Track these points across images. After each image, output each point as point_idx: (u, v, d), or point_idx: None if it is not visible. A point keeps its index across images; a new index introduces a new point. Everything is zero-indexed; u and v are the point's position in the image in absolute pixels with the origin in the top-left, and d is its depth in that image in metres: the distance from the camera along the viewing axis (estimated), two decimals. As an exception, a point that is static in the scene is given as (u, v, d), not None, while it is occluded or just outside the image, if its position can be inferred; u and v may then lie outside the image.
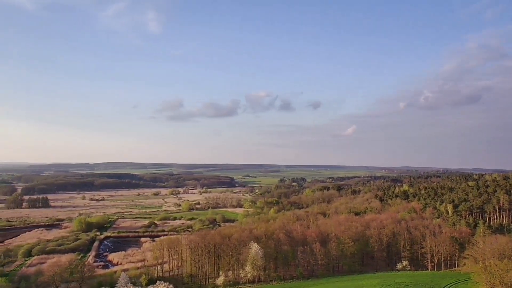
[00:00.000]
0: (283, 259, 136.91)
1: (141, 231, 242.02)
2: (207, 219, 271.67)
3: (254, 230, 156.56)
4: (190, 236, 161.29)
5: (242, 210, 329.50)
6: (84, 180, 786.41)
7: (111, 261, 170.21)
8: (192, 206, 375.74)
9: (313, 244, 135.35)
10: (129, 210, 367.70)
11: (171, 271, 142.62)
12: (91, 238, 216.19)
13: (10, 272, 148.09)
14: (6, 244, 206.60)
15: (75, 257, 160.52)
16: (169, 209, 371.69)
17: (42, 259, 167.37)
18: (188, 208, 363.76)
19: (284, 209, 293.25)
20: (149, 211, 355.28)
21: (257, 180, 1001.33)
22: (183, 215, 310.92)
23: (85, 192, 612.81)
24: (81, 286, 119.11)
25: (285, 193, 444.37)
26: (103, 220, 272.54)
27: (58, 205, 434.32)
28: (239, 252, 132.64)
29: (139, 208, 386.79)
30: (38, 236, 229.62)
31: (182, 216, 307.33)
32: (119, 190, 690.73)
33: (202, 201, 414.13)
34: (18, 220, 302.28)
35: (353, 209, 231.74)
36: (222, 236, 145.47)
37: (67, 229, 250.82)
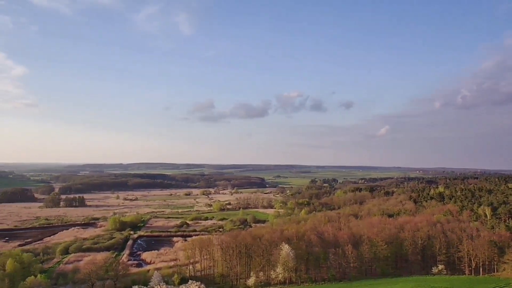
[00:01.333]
0: (314, 260, 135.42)
1: (173, 230, 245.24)
2: (238, 219, 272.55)
3: (285, 231, 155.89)
4: (221, 236, 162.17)
5: (273, 211, 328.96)
6: (118, 180, 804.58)
7: (144, 260, 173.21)
8: (223, 206, 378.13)
9: (345, 246, 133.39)
10: (161, 210, 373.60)
11: (202, 271, 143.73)
12: (125, 237, 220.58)
13: (49, 268, 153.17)
14: (45, 242, 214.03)
15: (110, 256, 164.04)
16: (201, 209, 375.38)
17: (79, 257, 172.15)
18: (219, 208, 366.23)
19: (315, 210, 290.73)
20: (181, 211, 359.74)
21: (288, 180, 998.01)
22: (214, 215, 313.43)
23: (119, 192, 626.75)
24: (115, 284, 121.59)
25: (316, 194, 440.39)
26: (137, 220, 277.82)
27: (94, 204, 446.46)
28: (270, 253, 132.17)
29: (171, 208, 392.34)
30: (74, 234, 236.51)
31: (213, 216, 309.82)
32: (152, 190, 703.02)
33: (233, 202, 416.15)
34: (56, 218, 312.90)
35: (386, 211, 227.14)
36: (253, 237, 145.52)
37: (102, 228, 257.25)
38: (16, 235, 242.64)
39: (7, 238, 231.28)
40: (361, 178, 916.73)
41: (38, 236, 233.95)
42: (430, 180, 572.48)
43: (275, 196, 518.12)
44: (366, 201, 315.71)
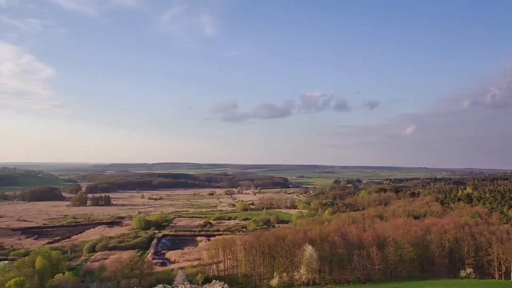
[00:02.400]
0: (338, 262, 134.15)
1: (197, 230, 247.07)
2: (261, 219, 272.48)
3: (309, 232, 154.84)
4: (245, 237, 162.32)
5: (296, 211, 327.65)
6: (143, 179, 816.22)
7: (169, 258, 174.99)
8: (246, 206, 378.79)
9: (370, 248, 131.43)
10: (185, 209, 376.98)
11: (226, 271, 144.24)
12: (150, 236, 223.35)
13: (76, 266, 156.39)
14: (73, 240, 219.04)
15: (135, 254, 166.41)
16: (224, 209, 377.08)
17: (105, 255, 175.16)
18: (243, 208, 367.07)
19: (339, 211, 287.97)
20: (205, 211, 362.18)
21: (311, 181, 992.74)
22: (238, 215, 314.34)
23: (143, 191, 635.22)
24: (140, 282, 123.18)
25: (340, 194, 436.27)
26: (161, 219, 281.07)
27: (119, 203, 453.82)
28: (294, 254, 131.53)
29: (195, 208, 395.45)
30: (101, 232, 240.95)
31: (236, 216, 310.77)
32: (176, 190, 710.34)
33: (256, 202, 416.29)
34: (83, 217, 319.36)
35: (412, 212, 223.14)
36: (276, 237, 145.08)
37: (128, 227, 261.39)
38: (45, 233, 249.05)
39: (37, 235, 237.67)
40: (386, 178, 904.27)
41: (66, 234, 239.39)
42: (458, 181, 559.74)
43: (298, 196, 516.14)
44: (391, 202, 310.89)
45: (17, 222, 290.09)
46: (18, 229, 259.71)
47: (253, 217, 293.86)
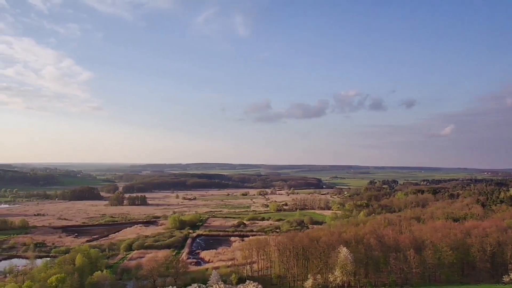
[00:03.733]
0: (374, 265, 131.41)
1: (230, 230, 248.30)
2: (295, 220, 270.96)
3: (343, 233, 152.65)
4: (278, 237, 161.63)
5: (330, 213, 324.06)
6: (177, 180, 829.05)
7: (203, 258, 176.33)
8: (280, 207, 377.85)
9: (407, 250, 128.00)
10: (219, 210, 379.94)
11: (259, 271, 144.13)
12: (185, 235, 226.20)
13: (114, 264, 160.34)
14: (110, 238, 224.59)
15: (170, 253, 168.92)
16: (257, 210, 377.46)
17: (141, 254, 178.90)
18: (276, 209, 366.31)
19: (374, 213, 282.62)
20: (238, 211, 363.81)
21: (345, 181, 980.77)
22: (271, 216, 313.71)
23: (178, 191, 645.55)
24: (176, 281, 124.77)
25: (375, 195, 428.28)
26: (195, 219, 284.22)
27: (155, 203, 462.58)
28: (328, 256, 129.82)
29: (229, 208, 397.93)
30: (137, 231, 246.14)
31: (270, 216, 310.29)
32: (210, 190, 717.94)
33: (289, 202, 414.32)
34: (120, 216, 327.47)
35: (451, 214, 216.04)
36: (310, 239, 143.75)
37: (163, 226, 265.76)
38: (84, 231, 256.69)
39: (76, 234, 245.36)
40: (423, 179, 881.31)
41: (104, 233, 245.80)
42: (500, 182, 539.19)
43: (332, 197, 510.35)
44: (428, 204, 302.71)
45: (58, 221, 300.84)
46: (59, 227, 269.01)
47: (287, 218, 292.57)
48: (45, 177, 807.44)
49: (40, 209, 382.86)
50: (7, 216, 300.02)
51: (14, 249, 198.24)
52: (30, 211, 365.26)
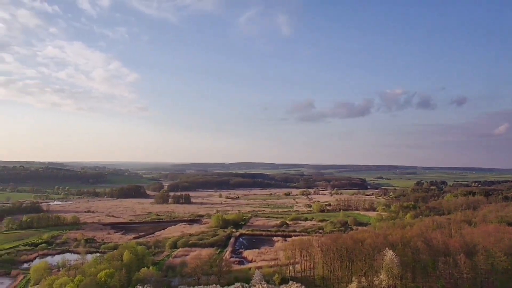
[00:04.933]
0: (421, 269, 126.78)
1: (273, 230, 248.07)
2: (338, 221, 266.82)
3: (389, 236, 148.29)
4: (322, 238, 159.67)
5: (375, 214, 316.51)
6: (220, 179, 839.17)
7: (246, 257, 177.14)
8: (323, 207, 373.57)
9: (457, 255, 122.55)
10: (261, 209, 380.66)
11: (303, 272, 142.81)
12: (228, 234, 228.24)
13: (160, 261, 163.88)
14: (156, 236, 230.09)
15: (214, 252, 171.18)
16: (300, 210, 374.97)
17: (186, 252, 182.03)
18: (319, 209, 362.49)
19: (421, 215, 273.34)
20: (281, 211, 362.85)
21: (391, 182, 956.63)
22: (314, 216, 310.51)
23: (221, 190, 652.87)
24: (219, 279, 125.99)
25: (423, 197, 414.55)
26: (238, 218, 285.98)
27: (198, 202, 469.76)
28: (373, 258, 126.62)
29: (271, 208, 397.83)
30: (181, 230, 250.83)
31: (313, 217, 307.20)
32: (252, 189, 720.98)
33: (333, 203, 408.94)
34: (165, 214, 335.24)
35: (505, 218, 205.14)
36: (354, 240, 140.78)
37: (206, 225, 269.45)
38: (131, 229, 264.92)
39: (124, 231, 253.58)
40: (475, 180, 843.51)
41: (150, 230, 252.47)
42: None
43: (378, 198, 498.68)
44: (480, 206, 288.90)
45: (107, 218, 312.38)
46: (107, 224, 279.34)
47: (330, 218, 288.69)
48: (94, 176, 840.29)
49: (90, 206, 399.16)
50: (60, 213, 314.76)
51: (66, 244, 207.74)
52: (81, 208, 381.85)
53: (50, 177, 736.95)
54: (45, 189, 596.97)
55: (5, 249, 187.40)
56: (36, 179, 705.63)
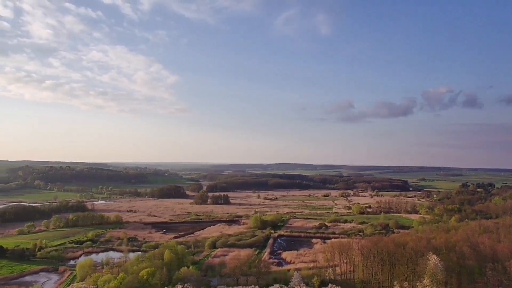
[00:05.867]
0: (467, 275, 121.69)
1: (312, 232, 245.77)
2: (379, 224, 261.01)
3: (433, 240, 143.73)
4: (362, 241, 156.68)
5: (418, 217, 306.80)
6: (259, 180, 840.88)
7: (284, 259, 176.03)
8: (363, 209, 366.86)
9: (506, 261, 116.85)
10: (300, 211, 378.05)
11: (342, 275, 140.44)
12: (266, 235, 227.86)
13: (199, 261, 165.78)
14: (195, 236, 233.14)
15: (252, 253, 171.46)
16: (339, 211, 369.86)
17: (225, 252, 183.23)
18: (359, 211, 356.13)
19: (467, 218, 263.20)
20: (320, 212, 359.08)
21: (434, 184, 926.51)
22: (354, 218, 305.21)
23: (259, 191, 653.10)
24: (258, 280, 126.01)
25: (469, 199, 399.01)
26: (277, 219, 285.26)
27: (237, 202, 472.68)
28: (416, 263, 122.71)
29: (310, 209, 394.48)
30: (220, 230, 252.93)
31: (352, 219, 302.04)
32: (291, 191, 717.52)
33: (373, 205, 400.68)
34: (204, 214, 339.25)
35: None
36: (396, 244, 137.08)
37: (245, 226, 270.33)
38: (171, 228, 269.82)
39: (164, 230, 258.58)
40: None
41: (189, 230, 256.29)
42: None
43: (420, 200, 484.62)
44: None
45: (148, 217, 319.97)
46: (149, 223, 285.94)
47: (370, 221, 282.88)
48: (136, 176, 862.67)
49: (132, 206, 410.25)
50: (104, 212, 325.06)
51: (110, 242, 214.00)
52: (123, 208, 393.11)
53: (94, 177, 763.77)
54: (90, 188, 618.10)
55: (53, 246, 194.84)
56: (81, 179, 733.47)
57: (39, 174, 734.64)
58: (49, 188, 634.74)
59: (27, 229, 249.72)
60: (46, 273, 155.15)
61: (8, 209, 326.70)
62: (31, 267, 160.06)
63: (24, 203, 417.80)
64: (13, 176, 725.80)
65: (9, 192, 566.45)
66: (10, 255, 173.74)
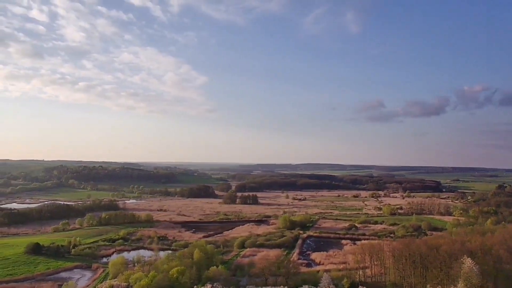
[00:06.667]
0: (505, 279, 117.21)
1: (342, 233, 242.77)
2: (411, 225, 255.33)
3: (467, 243, 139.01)
4: (393, 243, 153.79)
5: (451, 219, 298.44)
6: (287, 180, 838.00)
7: (314, 260, 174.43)
8: (394, 210, 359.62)
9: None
10: (329, 211, 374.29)
11: (373, 277, 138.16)
12: (295, 236, 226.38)
13: (228, 260, 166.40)
14: (224, 235, 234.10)
15: (281, 253, 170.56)
16: (369, 212, 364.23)
17: (253, 252, 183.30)
18: (390, 212, 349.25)
19: (504, 221, 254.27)
20: (349, 213, 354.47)
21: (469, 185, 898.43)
22: (384, 220, 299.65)
23: (288, 191, 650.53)
24: (287, 281, 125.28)
25: (505, 201, 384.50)
26: (306, 219, 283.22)
27: (265, 202, 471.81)
28: (449, 266, 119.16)
29: (339, 210, 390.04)
30: (249, 230, 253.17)
31: (383, 220, 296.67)
32: (320, 191, 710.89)
33: (404, 206, 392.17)
34: (233, 214, 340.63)
35: None
36: (429, 246, 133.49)
37: (273, 226, 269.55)
38: (200, 228, 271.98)
39: (194, 229, 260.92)
40: None
41: (218, 230, 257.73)
42: None
43: (454, 202, 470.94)
44: None
45: (178, 216, 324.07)
46: (179, 222, 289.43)
47: (402, 222, 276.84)
48: (166, 176, 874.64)
49: (162, 205, 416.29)
50: (135, 211, 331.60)
51: (141, 241, 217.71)
52: (154, 207, 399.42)
53: (125, 177, 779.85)
54: (121, 188, 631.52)
55: (87, 244, 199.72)
56: (113, 179, 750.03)
57: (73, 173, 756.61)
58: (82, 187, 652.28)
59: (62, 226, 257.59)
60: (80, 270, 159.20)
61: (44, 207, 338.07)
62: (66, 264, 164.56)
63: (59, 201, 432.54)
64: (48, 175, 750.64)
65: (45, 191, 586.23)
66: (46, 252, 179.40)
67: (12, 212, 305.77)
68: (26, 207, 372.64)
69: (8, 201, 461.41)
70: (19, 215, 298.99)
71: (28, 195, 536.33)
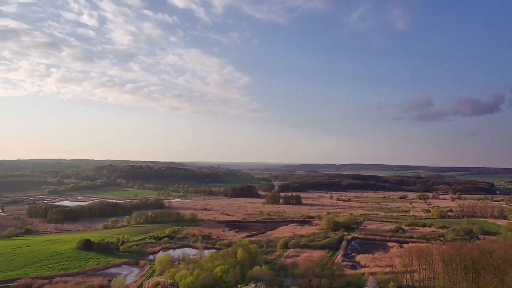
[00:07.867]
0: None
1: (388, 235, 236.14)
2: (462, 229, 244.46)
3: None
4: (443, 247, 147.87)
5: (506, 222, 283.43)
6: (331, 180, 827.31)
7: (358, 262, 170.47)
8: (443, 213, 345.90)
9: None
10: (375, 213, 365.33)
11: (421, 282, 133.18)
12: (339, 237, 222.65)
13: (271, 261, 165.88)
14: (268, 235, 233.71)
15: (325, 254, 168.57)
16: (417, 215, 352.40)
17: (297, 252, 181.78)
18: (439, 215, 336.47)
19: None
20: (396, 215, 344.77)
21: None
22: (433, 222, 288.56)
23: (332, 192, 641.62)
24: (331, 283, 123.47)
25: None
26: (350, 221, 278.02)
27: (309, 203, 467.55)
28: (505, 272, 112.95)
29: (385, 211, 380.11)
30: (292, 230, 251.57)
31: (432, 223, 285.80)
32: (365, 192, 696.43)
33: (455, 208, 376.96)
34: (276, 214, 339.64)
35: None
36: (481, 251, 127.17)
37: (317, 227, 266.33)
38: (244, 227, 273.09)
39: (237, 229, 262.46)
40: None
41: (261, 230, 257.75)
42: None
43: (509, 205, 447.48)
44: None
45: (222, 216, 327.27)
46: (222, 221, 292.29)
47: (452, 225, 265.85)
48: (210, 175, 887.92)
49: (206, 204, 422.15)
50: (180, 210, 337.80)
51: (185, 239, 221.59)
52: (198, 206, 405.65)
53: (171, 176, 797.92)
54: (167, 187, 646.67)
55: (134, 241, 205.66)
56: (159, 178, 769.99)
57: (121, 172, 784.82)
58: (130, 186, 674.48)
59: (111, 224, 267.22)
60: (128, 266, 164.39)
61: (94, 205, 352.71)
62: (115, 260, 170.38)
63: (108, 199, 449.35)
64: (98, 174, 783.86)
65: (95, 189, 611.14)
66: (97, 248, 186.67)
67: (65, 210, 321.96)
68: (78, 204, 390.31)
69: (61, 198, 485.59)
70: (71, 212, 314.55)
71: (80, 193, 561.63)
